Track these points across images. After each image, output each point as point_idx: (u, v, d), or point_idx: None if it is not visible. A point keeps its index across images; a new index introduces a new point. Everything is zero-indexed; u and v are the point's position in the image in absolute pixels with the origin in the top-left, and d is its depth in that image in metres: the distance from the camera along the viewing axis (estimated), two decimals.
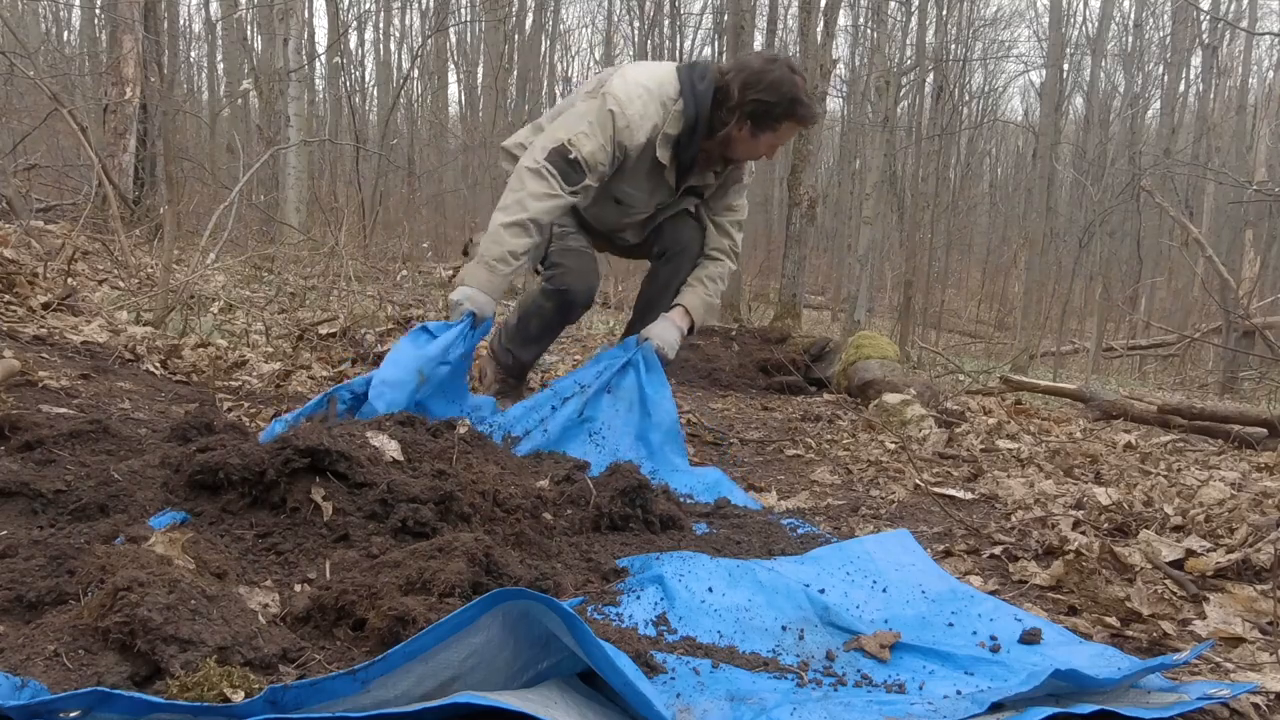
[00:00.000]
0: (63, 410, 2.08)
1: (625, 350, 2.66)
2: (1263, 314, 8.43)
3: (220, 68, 19.13)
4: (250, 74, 13.95)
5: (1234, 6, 19.02)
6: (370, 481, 1.52)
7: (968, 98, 19.78)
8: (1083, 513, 2.09)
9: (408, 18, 21.13)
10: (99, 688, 0.88)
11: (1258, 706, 1.16)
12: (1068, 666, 1.08)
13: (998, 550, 1.84)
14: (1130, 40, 20.32)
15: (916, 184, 14.62)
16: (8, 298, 3.30)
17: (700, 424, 3.21)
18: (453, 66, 20.52)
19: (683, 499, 2.17)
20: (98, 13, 12.98)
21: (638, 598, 1.39)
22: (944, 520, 2.10)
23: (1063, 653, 1.29)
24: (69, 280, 3.76)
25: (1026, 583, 1.67)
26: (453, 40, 19.84)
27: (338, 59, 16.46)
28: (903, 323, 9.48)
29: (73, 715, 0.86)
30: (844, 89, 18.72)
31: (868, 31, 14.58)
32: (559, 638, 1.02)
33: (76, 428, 1.72)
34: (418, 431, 1.83)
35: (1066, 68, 17.97)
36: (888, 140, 12.11)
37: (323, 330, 3.98)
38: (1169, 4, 18.38)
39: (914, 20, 15.35)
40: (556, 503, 1.79)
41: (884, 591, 1.49)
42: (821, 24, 8.78)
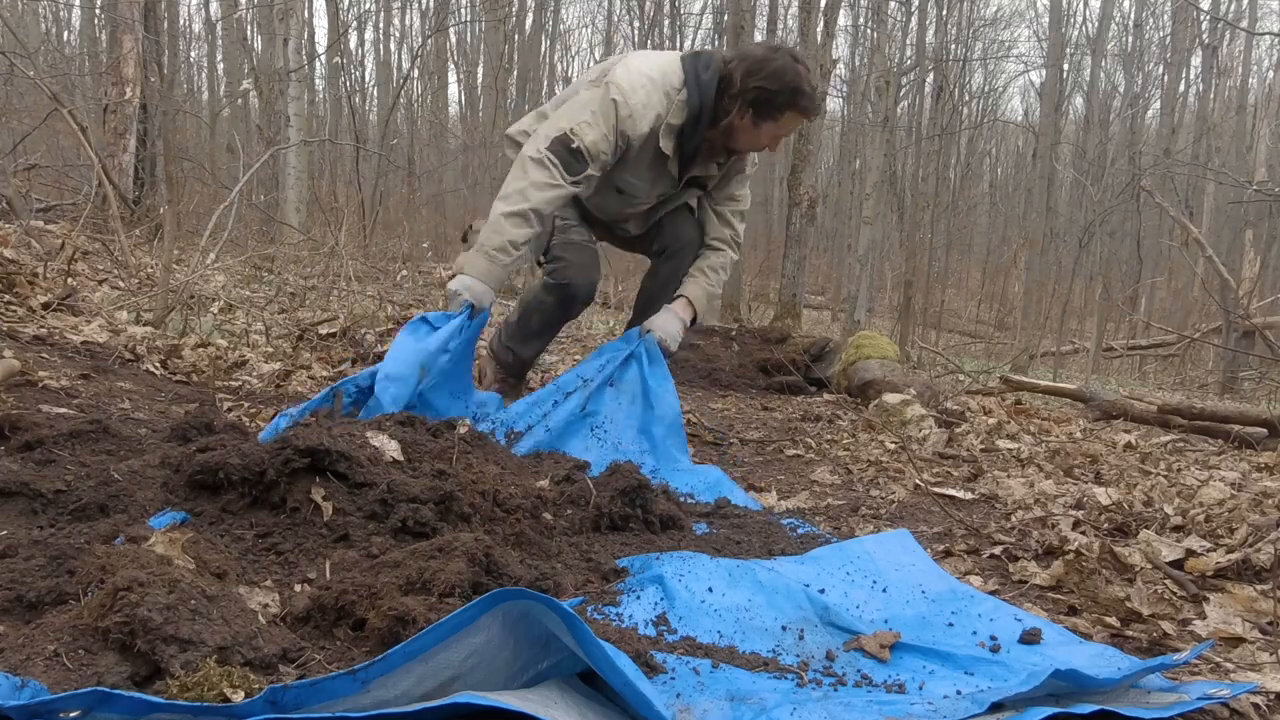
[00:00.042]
0: (63, 410, 2.08)
1: (628, 343, 2.65)
2: (1263, 314, 8.43)
3: (220, 68, 19.15)
4: (250, 74, 13.95)
5: (1234, 6, 19.04)
6: (370, 481, 1.52)
7: (968, 98, 19.79)
8: (1083, 513, 2.09)
9: (408, 18, 21.17)
10: (99, 688, 0.88)
11: (1258, 706, 1.16)
12: (1068, 666, 1.08)
13: (998, 550, 1.84)
14: (1130, 40, 20.34)
15: (916, 184, 14.62)
16: (8, 298, 3.30)
17: (700, 424, 3.21)
18: (453, 66, 20.55)
19: (683, 498, 2.17)
20: (98, 13, 12.98)
21: (638, 598, 1.39)
22: (944, 520, 2.10)
23: (1063, 653, 1.28)
24: (69, 280, 3.76)
25: (1026, 583, 1.67)
26: (453, 40, 19.86)
27: (338, 59, 16.47)
28: (903, 323, 9.48)
29: (73, 715, 0.86)
30: (844, 89, 18.73)
31: (868, 31, 14.59)
32: (559, 638, 1.02)
33: (76, 428, 1.72)
34: (418, 431, 1.83)
35: (1066, 68, 17.98)
36: (888, 140, 12.11)
37: (323, 330, 3.98)
38: (1169, 4, 18.38)
39: (914, 20, 15.37)
40: (556, 503, 1.79)
41: (884, 591, 1.49)
42: (821, 24, 8.78)
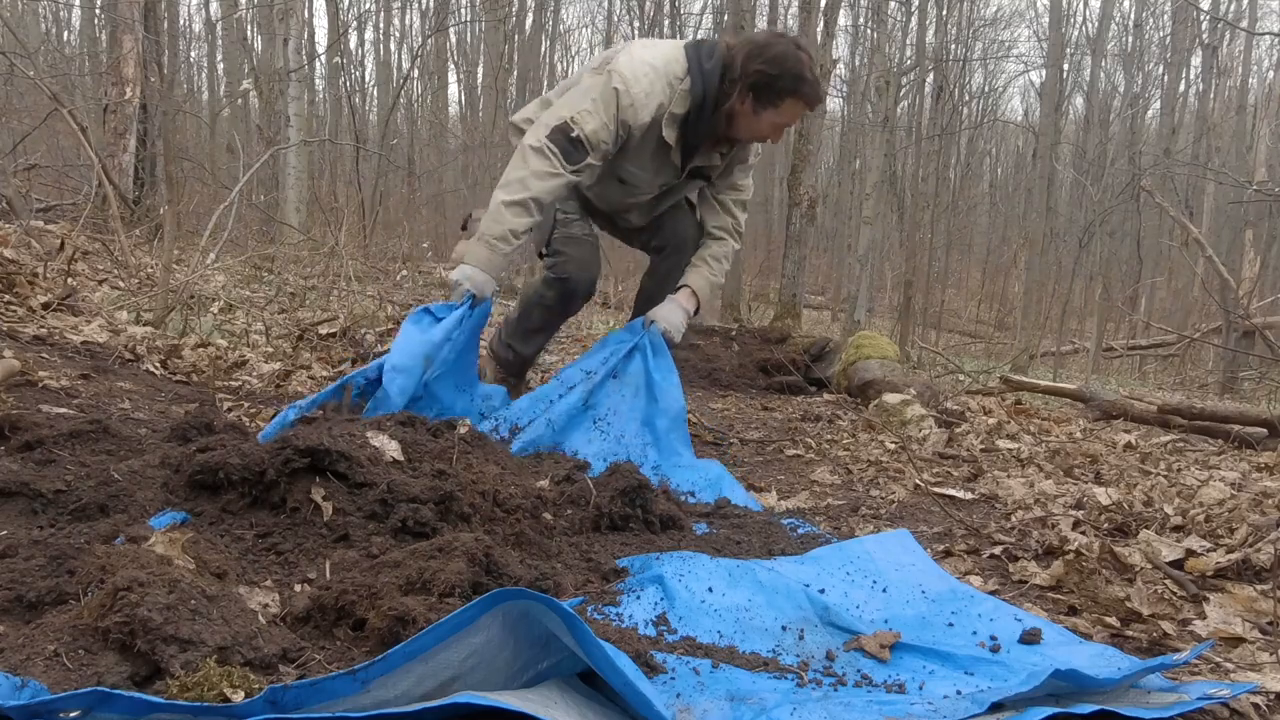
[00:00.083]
0: (63, 410, 2.08)
1: (631, 333, 2.64)
2: (1263, 314, 8.43)
3: (220, 68, 19.14)
4: (250, 74, 13.95)
5: (1234, 6, 19.03)
6: (370, 481, 1.52)
7: (968, 98, 19.78)
8: (1083, 513, 2.09)
9: (408, 18, 21.15)
10: (99, 688, 0.88)
11: (1258, 706, 1.16)
12: (1068, 666, 1.08)
13: (998, 550, 1.84)
14: (1130, 40, 20.34)
15: (916, 184, 14.62)
16: (8, 298, 3.30)
17: (700, 424, 3.21)
18: (453, 66, 20.53)
19: (683, 496, 2.18)
20: (98, 13, 12.98)
21: (638, 598, 1.39)
22: (944, 520, 2.10)
23: (1063, 653, 1.28)
24: (69, 280, 3.76)
25: (1026, 583, 1.67)
26: (453, 40, 19.85)
27: (338, 59, 16.47)
28: (903, 323, 9.48)
29: (73, 715, 0.86)
30: (844, 89, 18.73)
31: (868, 31, 14.58)
32: (559, 638, 1.02)
33: (76, 428, 1.72)
34: (418, 431, 1.83)
35: (1066, 68, 17.97)
36: (888, 140, 12.11)
37: (323, 330, 3.98)
38: (1169, 4, 18.38)
39: (914, 20, 15.36)
40: (556, 503, 1.79)
41: (884, 591, 1.49)
42: (821, 24, 8.78)
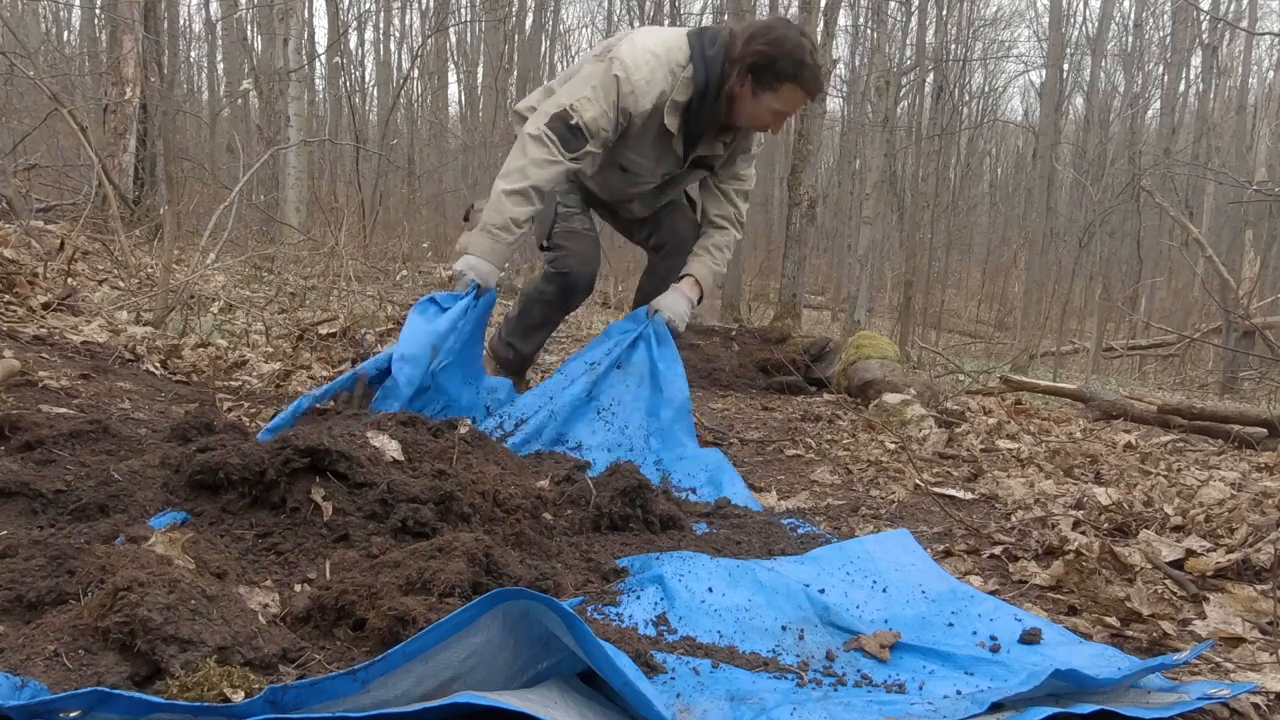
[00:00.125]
0: (63, 410, 2.08)
1: (635, 323, 2.63)
2: (1263, 314, 8.43)
3: (220, 68, 19.15)
4: (250, 74, 13.95)
5: (1234, 6, 19.04)
6: (370, 481, 1.52)
7: (968, 98, 19.78)
8: (1083, 513, 2.09)
9: (408, 18, 21.16)
10: (99, 688, 0.88)
11: (1258, 706, 1.16)
12: (1068, 666, 1.08)
13: (998, 550, 1.84)
14: (1130, 40, 20.34)
15: (916, 184, 14.62)
16: (8, 298, 3.30)
17: (700, 424, 3.21)
18: (453, 66, 20.53)
19: (685, 494, 2.19)
20: (98, 13, 12.98)
21: (638, 598, 1.39)
22: (944, 520, 2.10)
23: (1063, 653, 1.28)
24: (69, 280, 3.76)
25: (1026, 583, 1.66)
26: (453, 40, 19.85)
27: (338, 59, 16.47)
28: (903, 323, 9.48)
29: (73, 715, 0.86)
30: (844, 89, 18.72)
31: (868, 31, 14.58)
32: (559, 638, 1.02)
33: (76, 428, 1.72)
34: (419, 431, 1.83)
35: (1066, 68, 17.97)
36: (888, 140, 12.11)
37: (323, 330, 3.99)
38: (1169, 4, 18.38)
39: (914, 20, 15.36)
40: (557, 503, 1.79)
41: (884, 591, 1.49)
42: (821, 24, 8.78)
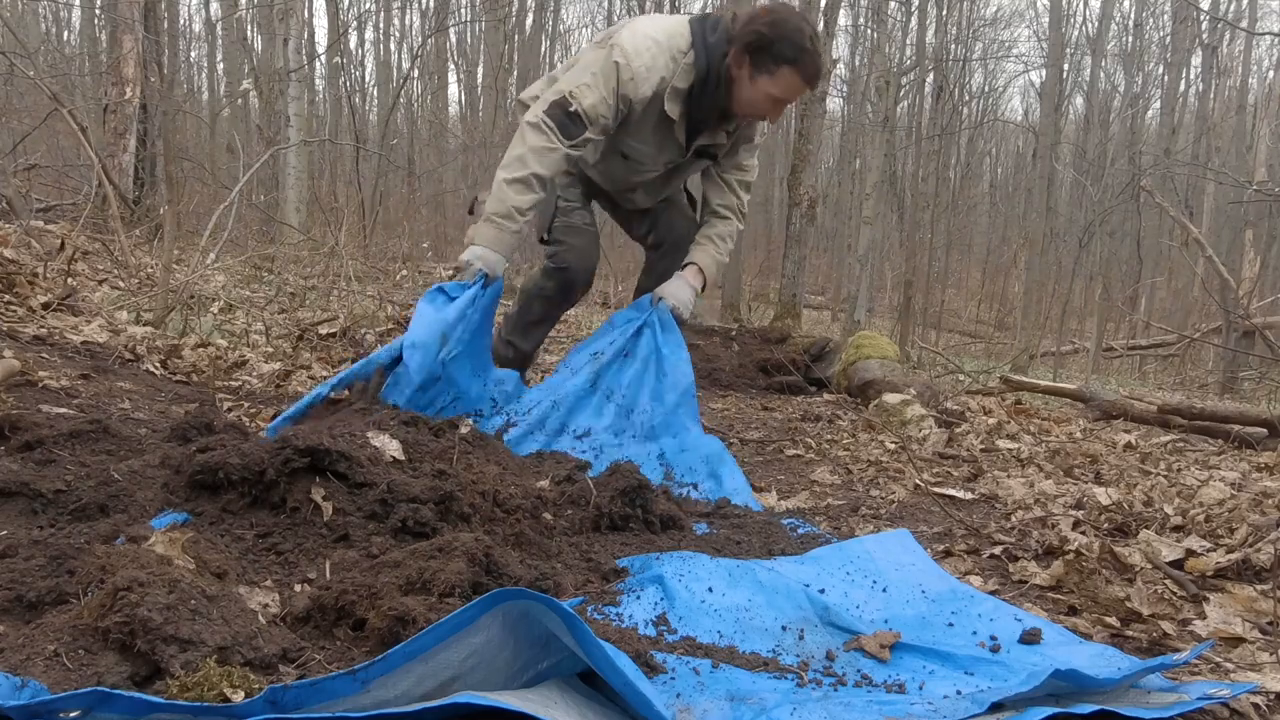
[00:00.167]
0: (63, 410, 2.08)
1: (639, 311, 2.62)
2: (1263, 314, 8.43)
3: (220, 68, 19.15)
4: (250, 74, 13.95)
5: (1234, 6, 19.04)
6: (370, 481, 1.52)
7: (968, 98, 19.78)
8: (1083, 513, 2.09)
9: (408, 18, 21.15)
10: (99, 688, 0.88)
11: (1258, 706, 1.16)
12: (1068, 666, 1.08)
13: (998, 550, 1.84)
14: (1130, 40, 20.33)
15: (916, 184, 14.62)
16: (8, 298, 3.30)
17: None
18: (453, 66, 20.53)
19: (685, 488, 2.21)
20: (98, 13, 12.98)
21: (638, 598, 1.39)
22: (944, 520, 2.10)
23: (1063, 653, 1.28)
24: (69, 280, 3.76)
25: (1026, 583, 1.67)
26: (453, 40, 19.85)
27: (338, 59, 16.47)
28: (903, 323, 9.48)
29: (73, 715, 0.86)
30: (844, 89, 18.74)
31: (868, 31, 14.59)
32: (559, 638, 1.02)
33: (76, 428, 1.72)
34: (420, 431, 1.83)
35: (1066, 68, 17.98)
36: (888, 140, 12.11)
37: (323, 330, 3.99)
38: (1169, 4, 18.38)
39: (914, 20, 15.36)
40: (557, 503, 1.79)
41: (884, 591, 1.49)
42: (821, 24, 8.78)
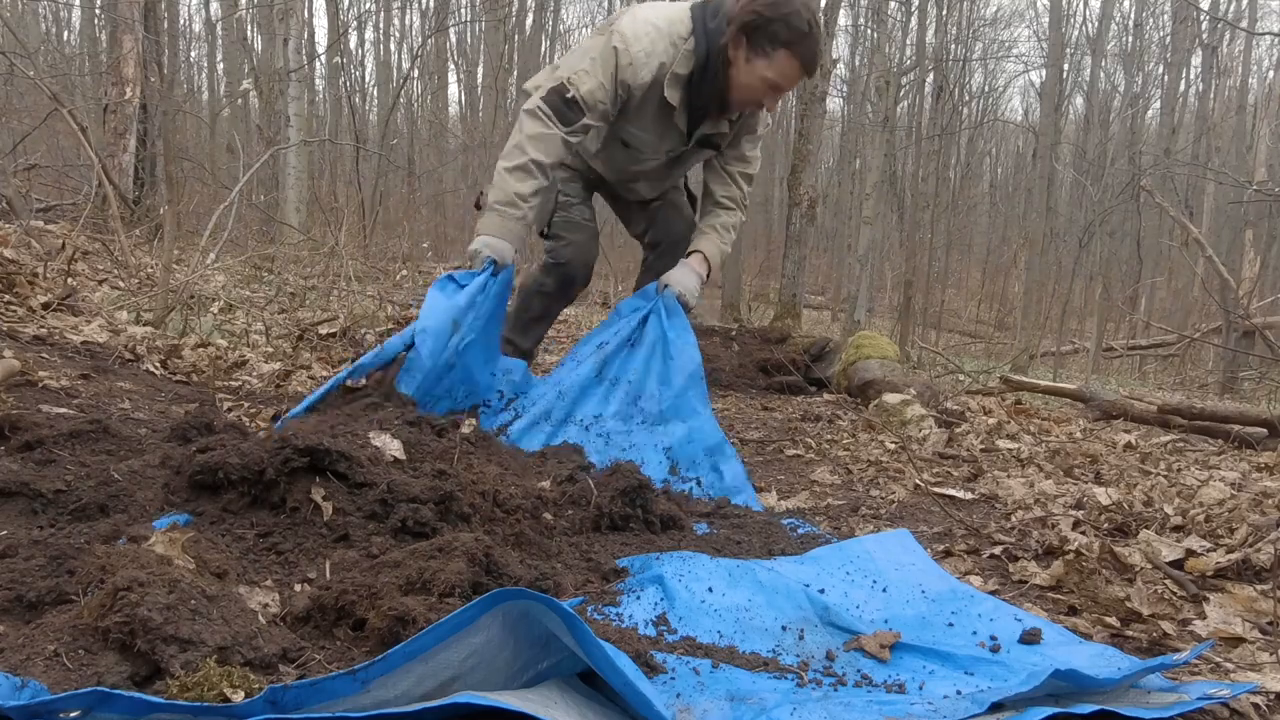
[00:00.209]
0: (63, 410, 2.07)
1: (644, 299, 2.61)
2: (1263, 314, 8.43)
3: (220, 68, 19.15)
4: (250, 74, 13.95)
5: (1234, 6, 19.04)
6: (370, 481, 1.52)
7: (968, 98, 19.79)
8: (1083, 513, 2.09)
9: (408, 18, 21.15)
10: (99, 688, 0.88)
11: (1258, 706, 1.16)
12: (1068, 666, 1.08)
13: (998, 550, 1.84)
14: (1130, 40, 20.32)
15: (916, 184, 14.62)
16: (8, 298, 3.30)
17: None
18: (453, 66, 20.53)
19: (689, 482, 2.21)
20: (98, 13, 12.98)
21: (638, 598, 1.39)
22: (944, 520, 2.10)
23: (1063, 653, 1.28)
24: (69, 280, 3.76)
25: (1026, 583, 1.66)
26: (453, 40, 19.85)
27: (338, 59, 16.46)
28: (903, 323, 9.47)
29: (73, 715, 0.86)
30: (844, 89, 18.75)
31: (868, 31, 14.60)
32: (559, 638, 1.02)
33: (76, 428, 1.72)
34: (422, 431, 1.83)
35: (1066, 68, 17.98)
36: (888, 140, 12.11)
37: (323, 330, 3.99)
38: (1169, 4, 18.38)
39: (914, 20, 15.36)
40: (558, 503, 1.79)
41: (884, 591, 1.49)
42: (822, 23, 8.78)
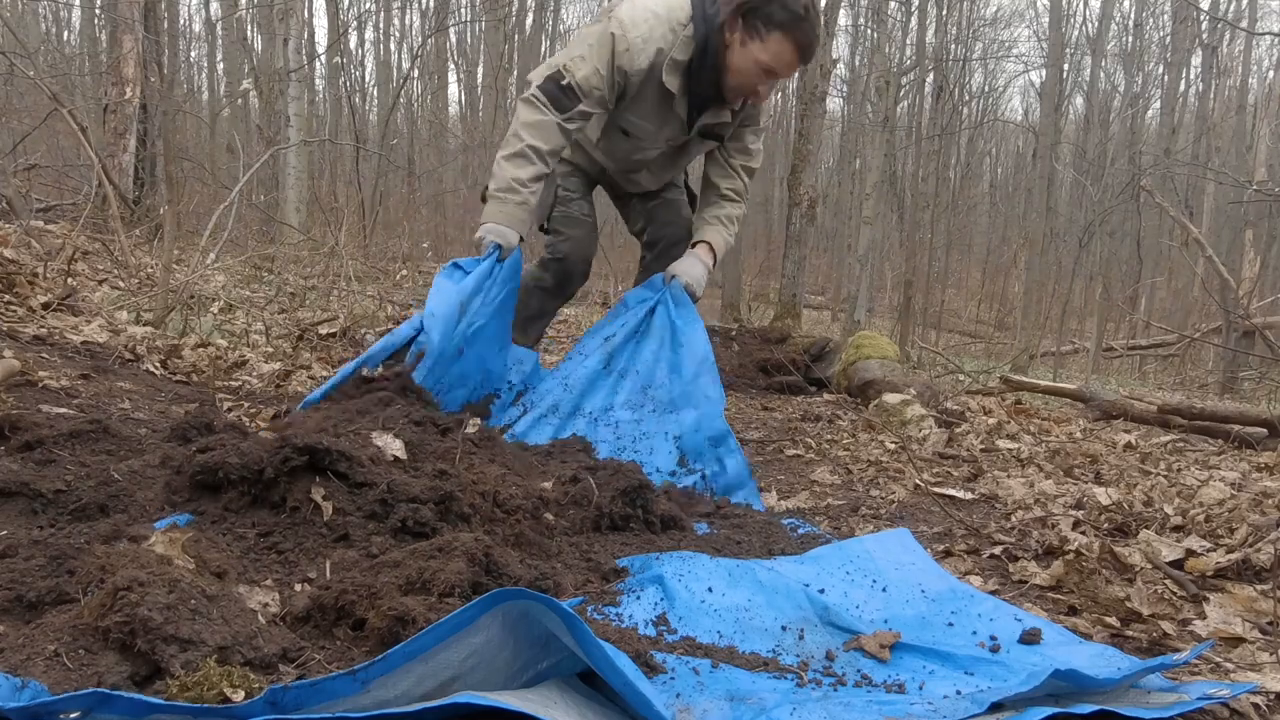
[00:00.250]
0: (63, 410, 2.07)
1: (651, 290, 2.60)
2: (1263, 314, 8.43)
3: (220, 68, 19.15)
4: (250, 74, 13.95)
5: (1234, 6, 19.03)
6: (370, 481, 1.52)
7: (968, 98, 19.79)
8: (1083, 513, 2.09)
9: (408, 18, 21.15)
10: (99, 688, 0.88)
11: (1258, 706, 1.16)
12: (1068, 666, 1.08)
13: (998, 550, 1.84)
14: (1130, 40, 20.33)
15: (916, 184, 14.62)
16: (8, 298, 3.30)
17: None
18: (453, 66, 20.53)
19: (695, 475, 2.23)
20: (98, 13, 12.98)
21: (638, 598, 1.39)
22: (944, 520, 2.10)
23: (1063, 653, 1.28)
24: (69, 280, 3.76)
25: (1026, 583, 1.67)
26: (453, 40, 19.85)
27: (338, 59, 16.46)
28: (903, 323, 9.47)
29: (73, 716, 0.86)
30: (844, 89, 18.75)
31: (868, 31, 14.60)
32: (559, 638, 1.02)
33: (76, 428, 1.72)
34: (427, 431, 1.84)
35: (1066, 68, 17.98)
36: (888, 140, 12.11)
37: (323, 330, 3.99)
38: (1169, 4, 18.38)
39: (914, 20, 15.37)
40: (559, 503, 1.79)
41: (884, 591, 1.49)
42: (821, 23, 8.78)
